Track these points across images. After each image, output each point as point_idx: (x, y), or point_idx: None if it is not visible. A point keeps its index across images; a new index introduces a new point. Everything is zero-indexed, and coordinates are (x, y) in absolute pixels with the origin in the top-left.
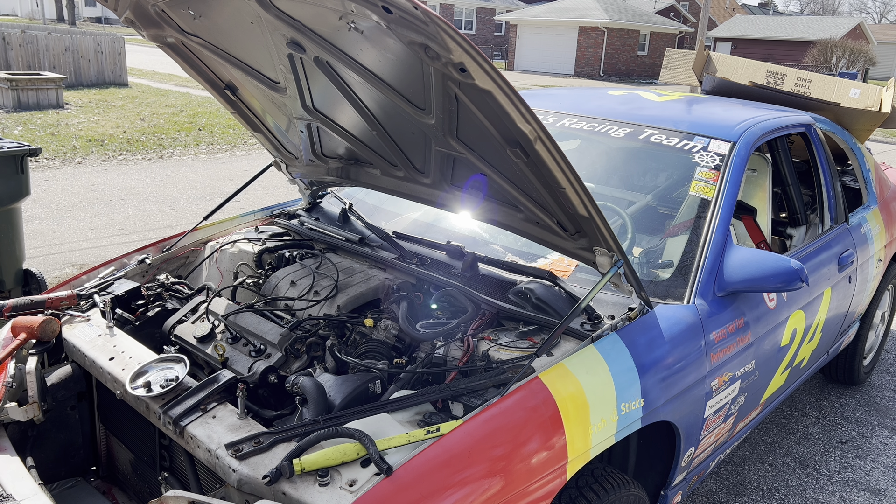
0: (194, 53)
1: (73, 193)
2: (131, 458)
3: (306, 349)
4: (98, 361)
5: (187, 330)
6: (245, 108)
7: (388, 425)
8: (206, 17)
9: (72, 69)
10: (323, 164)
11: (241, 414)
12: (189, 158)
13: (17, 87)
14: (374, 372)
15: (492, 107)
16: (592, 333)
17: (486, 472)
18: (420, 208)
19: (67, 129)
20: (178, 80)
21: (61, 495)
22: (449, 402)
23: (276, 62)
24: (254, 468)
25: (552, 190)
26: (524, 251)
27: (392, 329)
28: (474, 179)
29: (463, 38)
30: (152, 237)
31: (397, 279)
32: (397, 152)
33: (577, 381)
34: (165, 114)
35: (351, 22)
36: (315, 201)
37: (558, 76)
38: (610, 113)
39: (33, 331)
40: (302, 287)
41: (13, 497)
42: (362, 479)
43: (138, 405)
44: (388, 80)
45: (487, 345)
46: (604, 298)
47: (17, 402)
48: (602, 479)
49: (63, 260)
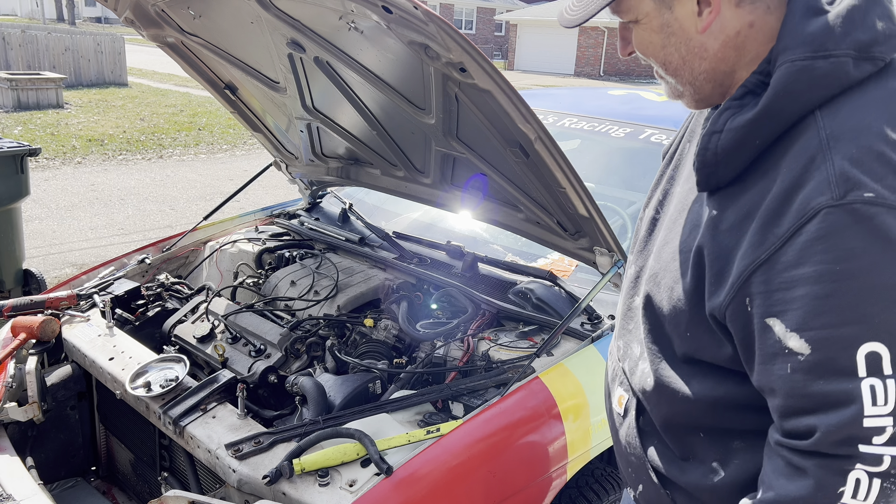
0: (194, 53)
1: (72, 193)
2: (131, 458)
3: (306, 349)
4: (98, 361)
5: (187, 330)
6: (245, 108)
7: (388, 425)
8: (205, 17)
9: (72, 69)
10: (323, 164)
11: (240, 414)
12: (189, 158)
13: (17, 86)
14: (374, 372)
15: (492, 107)
16: (593, 333)
17: (487, 472)
18: (420, 208)
19: (67, 128)
20: (177, 80)
21: (61, 495)
22: (449, 403)
23: (276, 62)
24: (254, 468)
25: (552, 190)
26: (524, 251)
27: (392, 329)
28: (474, 179)
29: (463, 38)
30: (152, 237)
31: (397, 279)
32: (397, 152)
33: (577, 381)
34: (165, 114)
35: (351, 22)
36: (315, 201)
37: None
38: (610, 113)
39: (33, 331)
40: (302, 287)
41: (13, 497)
42: (362, 479)
43: (138, 405)
44: (388, 80)
45: (487, 345)
46: (604, 298)
47: (17, 402)
48: (602, 480)
49: (63, 260)
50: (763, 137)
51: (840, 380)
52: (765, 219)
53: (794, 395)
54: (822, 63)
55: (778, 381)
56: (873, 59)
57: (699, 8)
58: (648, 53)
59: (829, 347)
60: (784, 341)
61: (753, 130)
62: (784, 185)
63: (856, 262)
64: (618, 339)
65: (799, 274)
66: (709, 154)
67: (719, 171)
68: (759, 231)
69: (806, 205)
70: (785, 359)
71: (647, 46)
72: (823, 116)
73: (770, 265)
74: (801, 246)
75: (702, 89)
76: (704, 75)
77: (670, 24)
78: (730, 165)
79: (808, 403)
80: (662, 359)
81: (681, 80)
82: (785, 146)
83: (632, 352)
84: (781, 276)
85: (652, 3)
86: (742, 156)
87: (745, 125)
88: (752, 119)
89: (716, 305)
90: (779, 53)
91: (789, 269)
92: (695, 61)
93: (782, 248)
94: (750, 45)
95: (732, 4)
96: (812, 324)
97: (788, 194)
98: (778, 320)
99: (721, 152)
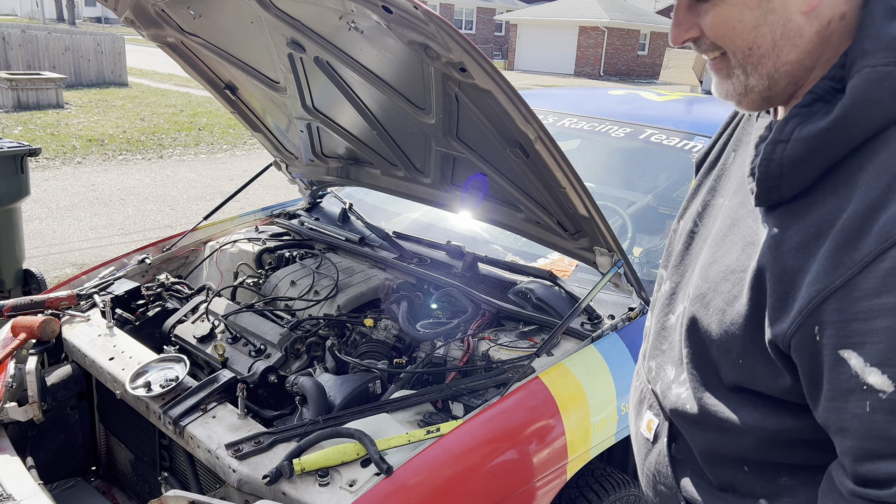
0: (194, 53)
1: (72, 193)
2: (131, 458)
3: (306, 349)
4: (98, 361)
5: (187, 330)
6: (245, 108)
7: (388, 425)
8: (205, 17)
9: (72, 69)
10: (323, 164)
11: (241, 414)
12: (189, 158)
13: (17, 86)
14: (374, 372)
15: (492, 107)
16: (593, 333)
17: (487, 472)
18: (420, 208)
19: (67, 128)
20: (177, 80)
21: (61, 495)
22: (449, 402)
23: (276, 62)
24: (254, 468)
25: (552, 190)
26: (524, 251)
27: (392, 329)
28: (474, 179)
29: (463, 38)
30: (152, 237)
31: (397, 279)
32: (397, 152)
33: (577, 381)
34: (165, 113)
35: (351, 21)
36: (315, 201)
37: (558, 76)
38: (610, 113)
39: (33, 331)
40: (302, 287)
41: (13, 497)
42: (362, 479)
43: (138, 405)
44: (388, 80)
45: (487, 345)
46: (604, 298)
47: (17, 402)
48: (602, 479)
49: (63, 260)
50: (836, 149)
51: None
52: (840, 240)
53: (872, 437)
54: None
55: (853, 421)
56: None
57: None
58: (733, 35)
59: None
60: (862, 377)
61: (826, 141)
62: (863, 204)
63: None
64: (648, 360)
65: (881, 303)
66: (773, 165)
67: (783, 185)
68: (832, 254)
69: (891, 228)
70: (863, 396)
71: (734, 26)
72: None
73: (846, 292)
74: (884, 273)
75: (777, 84)
76: (788, 67)
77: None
78: (796, 179)
79: (888, 447)
80: (706, 385)
81: (759, 70)
82: (861, 161)
83: (665, 374)
84: (860, 305)
85: None
86: (810, 169)
87: (818, 134)
88: (826, 128)
89: (779, 333)
90: (857, 58)
91: (869, 298)
92: (786, 48)
93: (860, 273)
94: (835, 39)
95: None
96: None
97: (869, 215)
98: (855, 353)
99: (787, 163)
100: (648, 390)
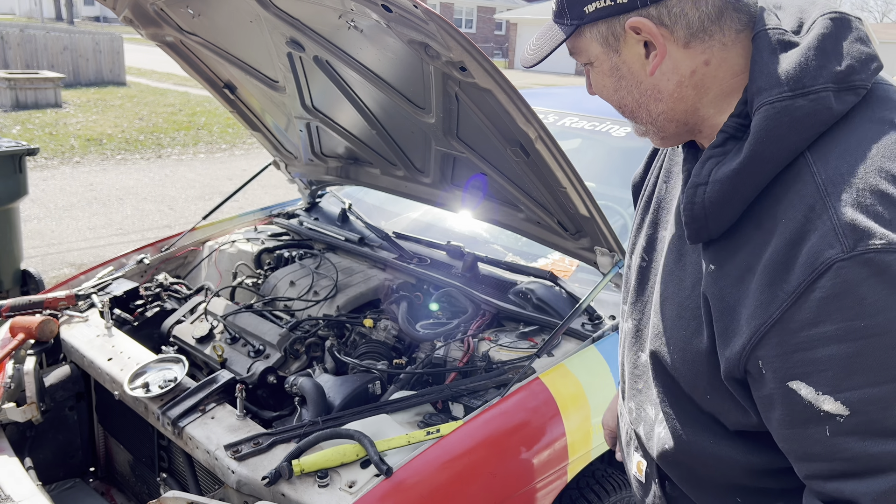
0: (193, 52)
1: (71, 193)
2: (130, 459)
3: (305, 350)
4: (96, 362)
5: (186, 330)
6: (244, 107)
7: (388, 426)
8: (204, 16)
9: (70, 68)
10: (322, 164)
11: (239, 415)
12: (188, 158)
13: (16, 86)
14: (374, 372)
15: (492, 106)
16: (593, 334)
17: (487, 473)
18: (420, 208)
19: (66, 128)
20: (176, 80)
21: (60, 496)
22: (449, 403)
23: (276, 61)
24: (253, 469)
25: (553, 189)
26: (524, 251)
27: (392, 329)
28: (474, 179)
29: (463, 37)
30: (151, 237)
31: (397, 279)
32: (397, 151)
33: (578, 382)
34: (164, 113)
35: (351, 20)
36: (314, 201)
37: (559, 75)
38: (611, 112)
39: (31, 331)
40: (301, 287)
41: (12, 498)
42: (362, 480)
43: (137, 406)
44: (387, 79)
45: (488, 345)
46: (605, 298)
47: (16, 402)
48: (603, 481)
49: (61, 260)
50: (752, 187)
51: (885, 441)
52: (770, 275)
53: (836, 459)
54: (802, 101)
55: (816, 446)
56: (854, 89)
57: (646, 51)
58: (604, 96)
59: (868, 407)
60: (817, 405)
61: (740, 181)
62: (785, 237)
63: (880, 316)
64: (628, 401)
65: (820, 333)
66: (696, 208)
67: (710, 225)
68: (765, 288)
69: (815, 259)
70: (821, 422)
71: (602, 89)
72: (814, 159)
73: (783, 325)
74: (817, 303)
75: (665, 129)
76: (664, 115)
77: (619, 67)
78: (720, 218)
79: (853, 467)
80: (683, 423)
81: (639, 120)
82: (777, 194)
83: (646, 415)
84: (799, 336)
85: (600, 47)
86: (731, 207)
87: (731, 175)
88: (738, 169)
89: (730, 368)
90: (754, 95)
91: (807, 328)
92: (650, 103)
93: (794, 305)
94: (709, 82)
95: (680, 46)
96: (845, 385)
97: (791, 247)
98: (804, 384)
99: (709, 205)
100: (632, 432)
